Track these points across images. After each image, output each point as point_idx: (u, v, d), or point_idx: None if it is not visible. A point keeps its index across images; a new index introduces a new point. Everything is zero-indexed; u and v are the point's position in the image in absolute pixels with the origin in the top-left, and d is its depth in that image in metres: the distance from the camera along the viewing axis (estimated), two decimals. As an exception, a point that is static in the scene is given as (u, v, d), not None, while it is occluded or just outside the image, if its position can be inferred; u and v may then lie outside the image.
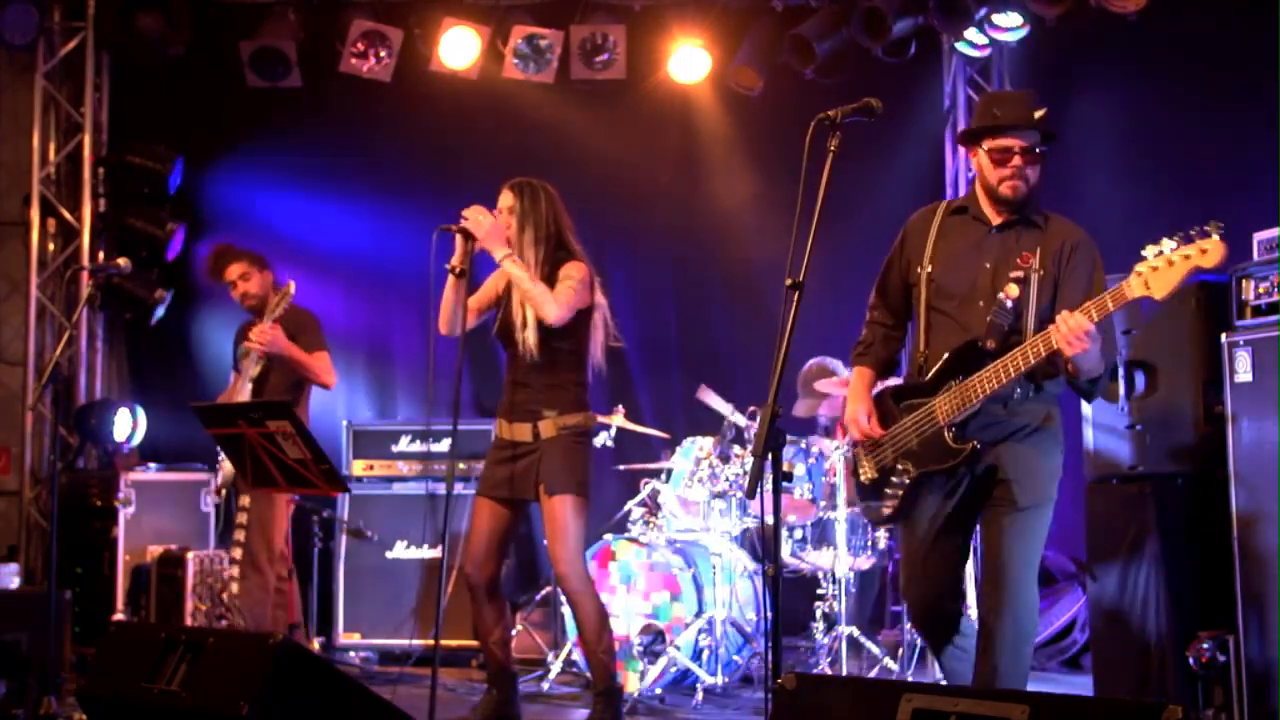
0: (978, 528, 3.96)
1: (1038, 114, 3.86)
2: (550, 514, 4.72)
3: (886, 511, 3.98)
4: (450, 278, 4.74)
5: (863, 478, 4.05)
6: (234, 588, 5.42)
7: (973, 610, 6.00)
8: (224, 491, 5.64)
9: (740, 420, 6.03)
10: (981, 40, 7.27)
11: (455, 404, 4.46)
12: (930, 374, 3.87)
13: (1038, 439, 3.86)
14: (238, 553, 5.46)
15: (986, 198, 3.95)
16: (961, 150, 7.80)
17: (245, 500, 5.49)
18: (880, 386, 4.11)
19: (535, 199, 4.78)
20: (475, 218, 4.65)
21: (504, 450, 4.83)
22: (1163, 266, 3.49)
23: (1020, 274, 3.81)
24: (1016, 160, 3.84)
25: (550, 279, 4.76)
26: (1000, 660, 3.75)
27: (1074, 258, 3.85)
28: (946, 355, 3.84)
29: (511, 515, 4.87)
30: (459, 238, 4.66)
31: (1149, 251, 3.54)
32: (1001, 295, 3.80)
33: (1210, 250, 3.43)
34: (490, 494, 4.84)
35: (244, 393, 5.55)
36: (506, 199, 4.81)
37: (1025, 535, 3.81)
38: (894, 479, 3.93)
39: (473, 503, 4.93)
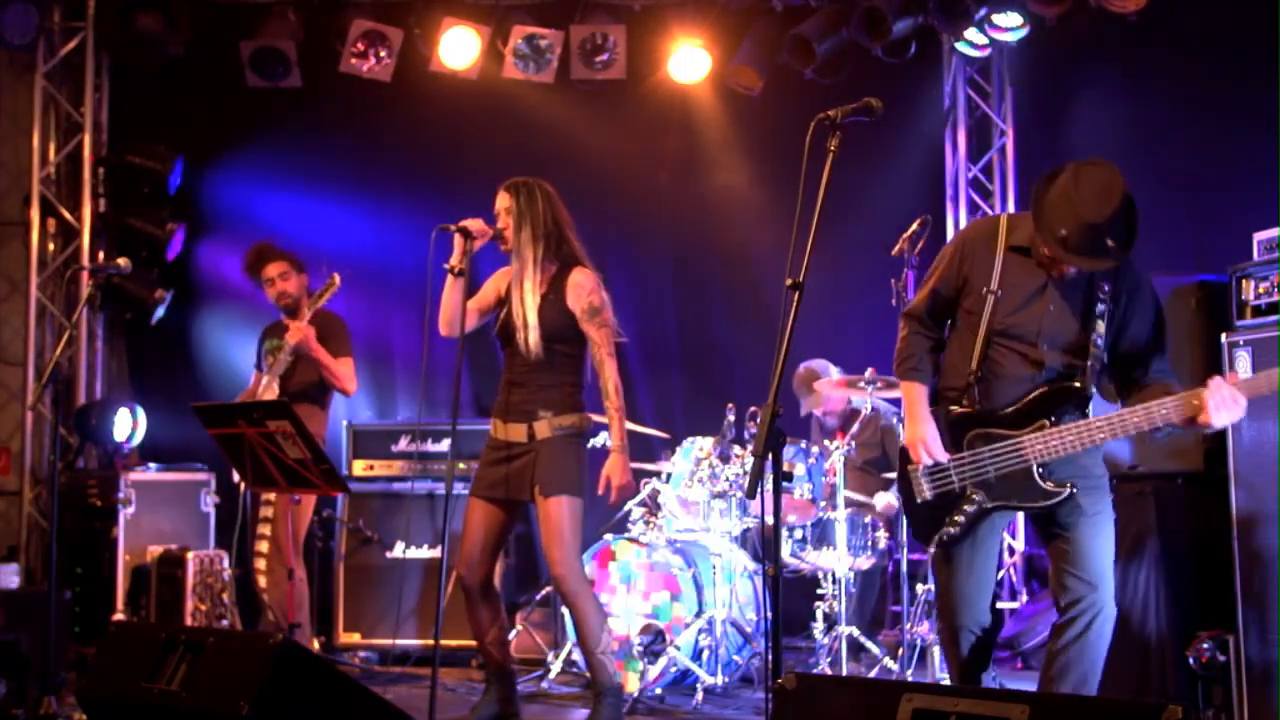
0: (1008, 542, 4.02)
1: (1121, 256, 3.72)
2: (546, 515, 4.71)
3: (947, 536, 3.91)
4: (449, 278, 4.74)
5: (917, 497, 4.00)
6: (261, 581, 5.49)
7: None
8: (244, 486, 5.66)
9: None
10: (981, 40, 7.28)
11: (455, 404, 4.46)
12: (1013, 408, 3.85)
13: (1094, 463, 3.92)
14: (264, 545, 5.52)
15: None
16: (962, 150, 7.81)
17: (271, 495, 5.54)
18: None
19: (531, 197, 4.77)
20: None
21: (499, 451, 4.83)
22: (1257, 380, 3.58)
23: (1103, 309, 3.79)
24: (1070, 269, 3.80)
25: (558, 280, 4.77)
26: (1092, 665, 3.80)
27: (1138, 293, 3.86)
28: (1041, 391, 3.83)
29: (506, 516, 4.86)
30: (457, 237, 4.66)
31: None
32: (1095, 338, 3.78)
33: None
34: (484, 495, 4.83)
35: (272, 390, 5.63)
36: (503, 200, 4.80)
37: (1106, 541, 3.87)
38: (967, 507, 3.89)
39: (466, 503, 4.93)
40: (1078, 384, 3.81)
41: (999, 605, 6.99)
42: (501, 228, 4.77)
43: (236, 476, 5.63)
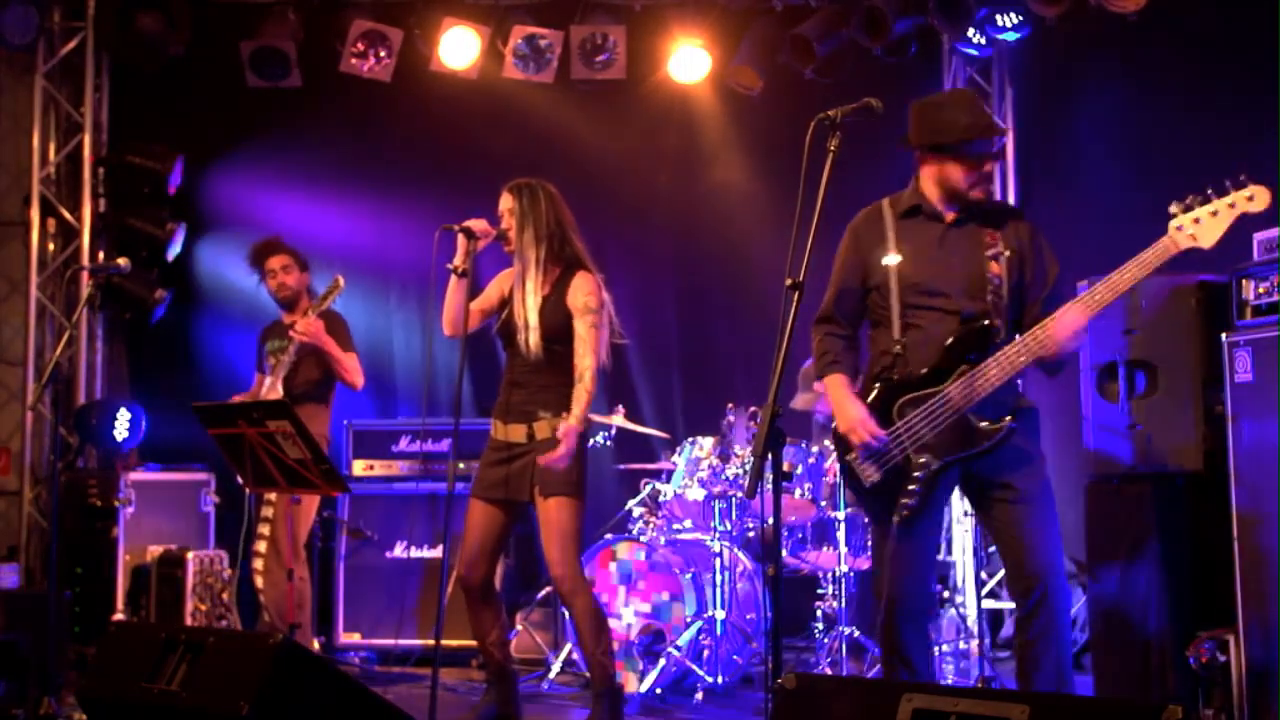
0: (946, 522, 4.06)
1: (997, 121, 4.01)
2: (546, 516, 4.71)
3: (908, 510, 3.90)
4: (452, 278, 4.75)
5: (865, 482, 3.99)
6: (258, 581, 5.47)
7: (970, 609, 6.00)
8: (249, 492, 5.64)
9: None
10: (981, 40, 7.28)
11: (456, 404, 4.47)
12: (930, 365, 3.90)
13: (1027, 428, 3.93)
14: (262, 545, 5.50)
15: (940, 195, 4.05)
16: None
17: (272, 495, 5.53)
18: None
19: (534, 199, 4.78)
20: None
21: (499, 451, 4.83)
22: (1206, 218, 3.59)
23: (994, 250, 3.93)
24: (988, 167, 4.00)
25: (561, 282, 4.77)
26: (1051, 647, 3.81)
27: (1022, 234, 4.03)
28: (950, 341, 3.89)
29: (506, 517, 4.86)
30: (460, 237, 4.66)
31: (1178, 209, 3.71)
32: (990, 274, 3.90)
33: (1258, 197, 3.58)
34: (484, 495, 4.83)
35: (276, 390, 5.64)
36: (506, 201, 4.81)
37: (1048, 521, 3.94)
38: (916, 474, 3.89)
39: (467, 504, 4.93)
40: (986, 322, 3.87)
41: (999, 605, 7.02)
42: (505, 228, 4.77)
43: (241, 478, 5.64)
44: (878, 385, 4.01)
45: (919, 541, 3.97)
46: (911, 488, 3.90)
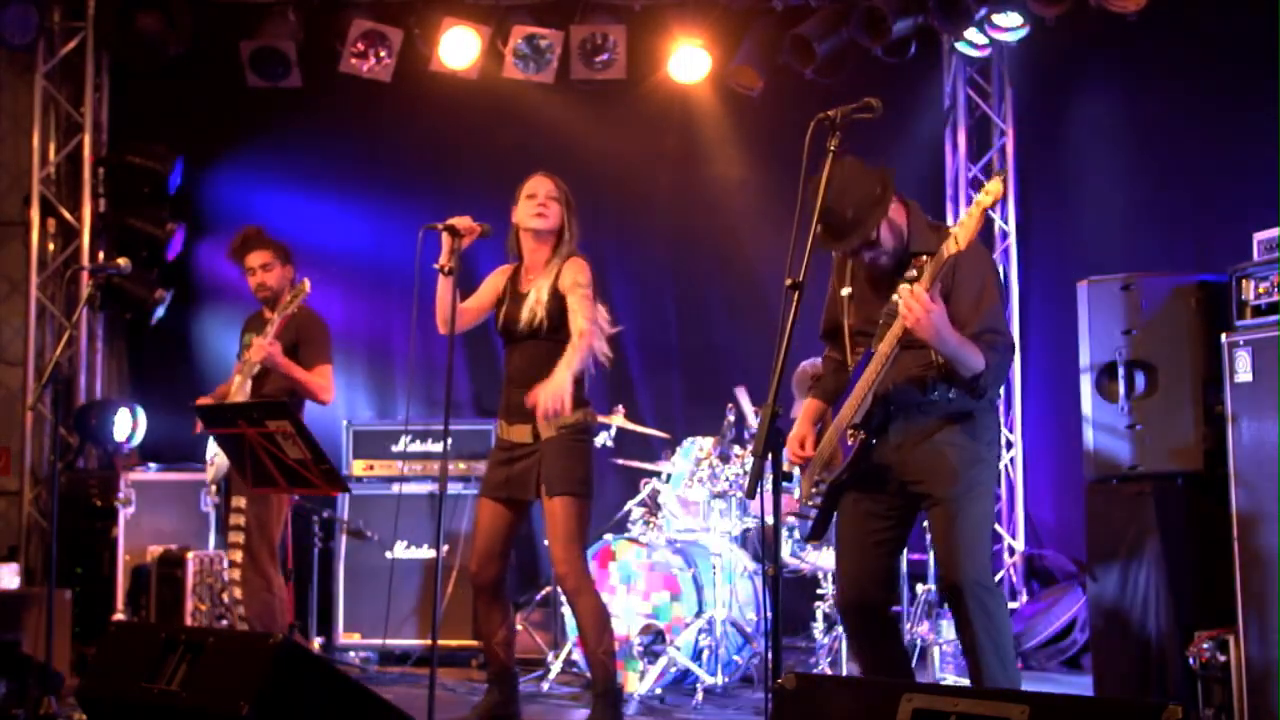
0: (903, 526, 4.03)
1: (869, 220, 3.74)
2: (550, 514, 4.71)
3: (810, 524, 4.03)
4: (440, 277, 4.74)
5: (805, 499, 4.08)
6: (236, 591, 5.36)
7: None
8: (216, 488, 5.56)
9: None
10: (981, 40, 7.28)
11: (447, 402, 4.45)
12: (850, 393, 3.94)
13: (951, 436, 3.84)
14: (238, 555, 5.39)
15: None
16: (962, 150, 7.82)
17: (241, 502, 5.40)
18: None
19: (569, 192, 4.88)
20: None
21: (504, 451, 4.83)
22: (965, 220, 3.54)
23: (913, 272, 3.75)
24: (865, 258, 3.87)
25: (554, 273, 4.79)
26: (982, 655, 3.76)
27: (959, 268, 3.77)
28: (853, 369, 3.90)
29: (513, 516, 4.86)
30: (445, 236, 4.65)
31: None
32: (895, 297, 3.72)
33: (992, 189, 3.53)
34: (492, 495, 4.83)
35: (244, 392, 5.47)
36: (545, 185, 4.84)
37: (959, 524, 3.79)
38: (814, 491, 3.98)
39: (476, 503, 4.93)
40: (875, 345, 3.77)
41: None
42: (540, 208, 4.80)
43: (209, 476, 5.58)
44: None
45: (854, 547, 3.97)
46: (811, 504, 4.00)
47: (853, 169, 3.73)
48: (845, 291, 4.02)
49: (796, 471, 5.70)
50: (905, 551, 5.73)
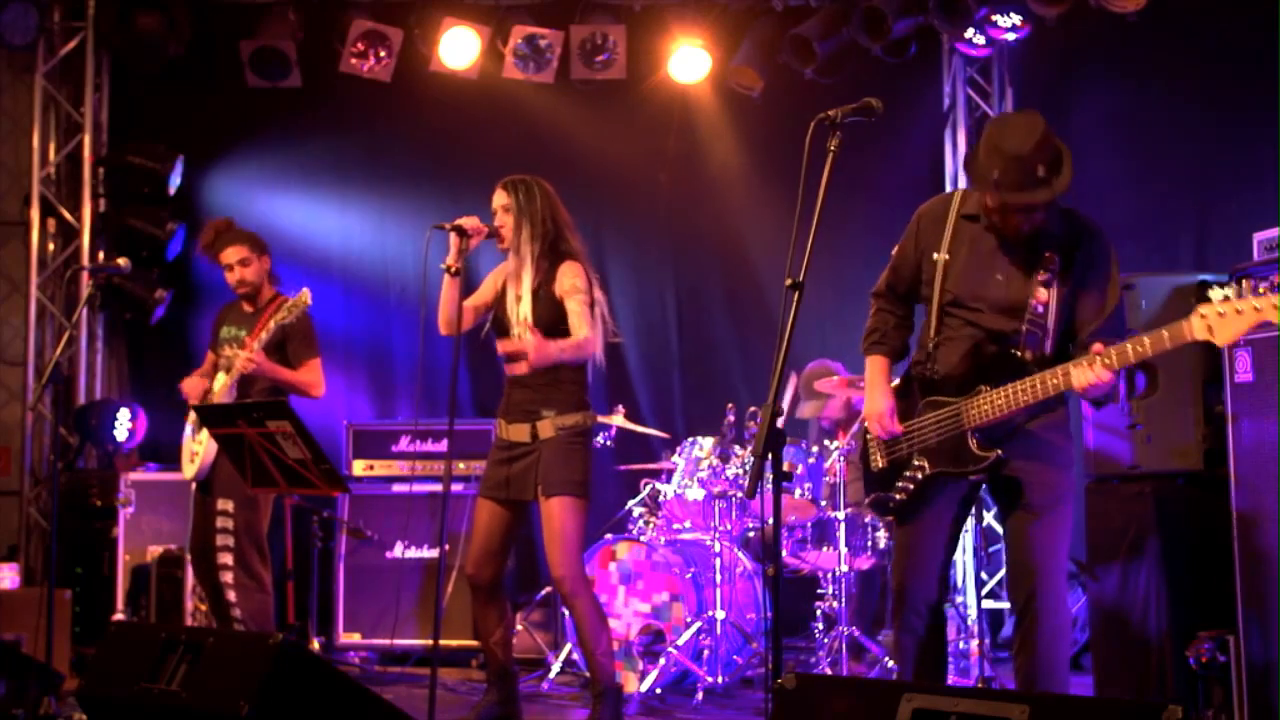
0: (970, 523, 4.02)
1: (1047, 178, 3.72)
2: (548, 516, 4.70)
3: (894, 504, 3.97)
4: (446, 277, 4.74)
5: (872, 466, 4.06)
6: (231, 595, 5.34)
7: (971, 610, 6.00)
8: (194, 486, 5.50)
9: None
10: (981, 40, 7.28)
11: (452, 403, 4.46)
12: (958, 374, 3.88)
13: (1051, 436, 3.86)
14: (228, 558, 5.34)
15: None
16: (962, 150, 7.81)
17: (229, 505, 5.33)
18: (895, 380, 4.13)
19: (530, 195, 4.77)
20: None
21: (503, 451, 4.82)
22: (1229, 314, 3.49)
23: (1046, 277, 3.78)
24: (1020, 221, 3.78)
25: (549, 275, 4.76)
26: (1042, 666, 3.77)
27: (1093, 259, 3.82)
28: (978, 359, 3.85)
29: (512, 516, 4.85)
30: (452, 236, 4.65)
31: (1215, 296, 3.58)
32: (1034, 301, 3.77)
33: (1263, 307, 3.46)
34: (490, 495, 4.83)
35: (230, 394, 5.39)
36: (501, 198, 4.80)
37: (1049, 536, 3.84)
38: (907, 473, 3.93)
39: (474, 503, 4.93)
40: (1015, 351, 3.81)
41: (999, 605, 7.02)
42: (499, 225, 4.77)
43: (188, 474, 5.52)
44: (909, 378, 4.03)
45: (919, 537, 3.98)
46: (900, 484, 3.94)
47: (1041, 124, 3.73)
48: (942, 257, 3.91)
49: (799, 470, 5.75)
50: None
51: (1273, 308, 3.45)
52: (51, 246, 7.66)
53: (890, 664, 5.77)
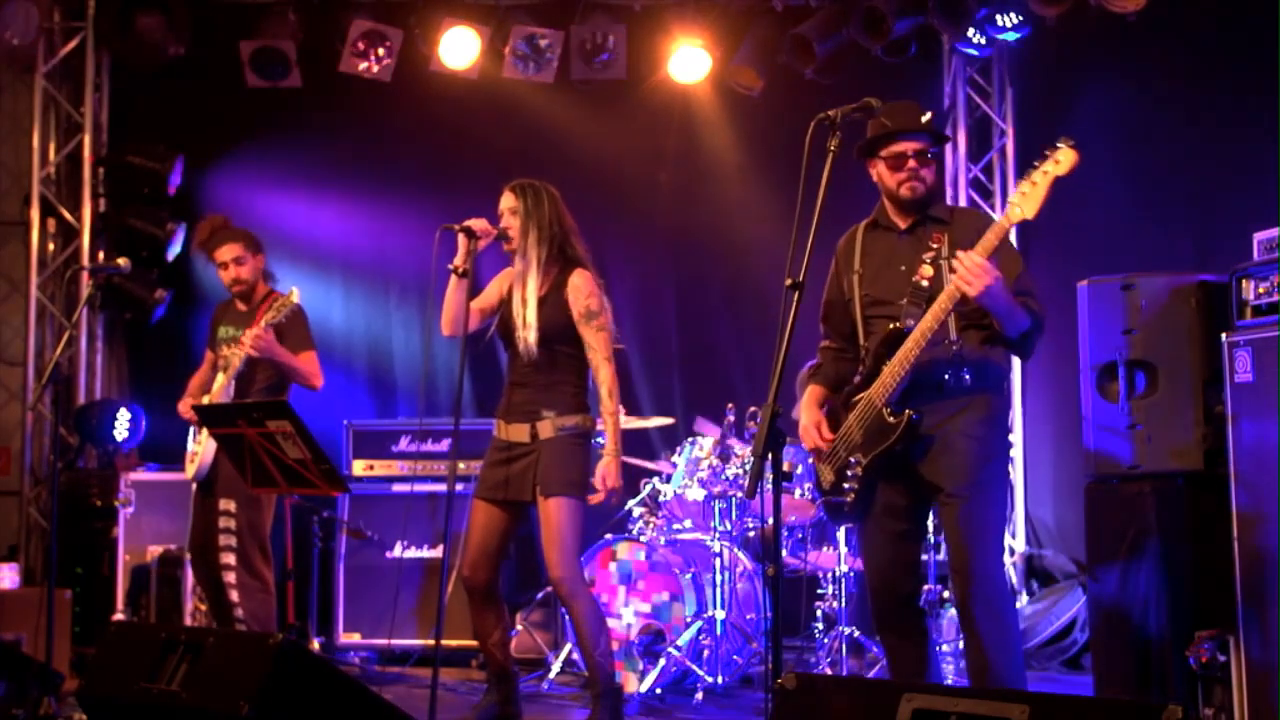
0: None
1: (925, 118, 4.02)
2: (546, 517, 4.69)
3: (847, 506, 4.04)
4: (453, 278, 4.74)
5: (823, 483, 4.13)
6: (233, 595, 5.34)
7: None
8: (195, 487, 5.50)
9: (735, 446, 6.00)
10: (981, 40, 7.28)
11: (457, 404, 4.46)
12: (870, 368, 3.99)
13: (969, 427, 3.92)
14: (230, 558, 5.34)
15: (891, 205, 4.10)
16: (962, 150, 7.82)
17: (231, 505, 5.34)
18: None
19: (538, 199, 4.77)
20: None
21: (501, 451, 4.82)
22: (1029, 189, 3.68)
23: (931, 254, 3.92)
24: (911, 163, 3.98)
25: (559, 283, 4.76)
26: (988, 654, 3.79)
27: (977, 233, 3.91)
28: (875, 346, 3.97)
29: (509, 518, 4.85)
30: (461, 237, 4.66)
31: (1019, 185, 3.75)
32: (916, 278, 3.91)
33: (1063, 159, 3.65)
34: (487, 496, 4.82)
35: (228, 392, 5.40)
36: (508, 200, 4.79)
37: (971, 522, 3.86)
38: (848, 473, 4.01)
39: (470, 504, 4.92)
40: (894, 325, 3.89)
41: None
42: (506, 228, 4.77)
43: (189, 473, 5.52)
44: (841, 392, 4.13)
45: (877, 531, 4.04)
46: (845, 485, 4.01)
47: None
48: (857, 271, 4.09)
49: (799, 470, 5.75)
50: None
51: (1056, 164, 3.65)
52: (51, 246, 7.66)
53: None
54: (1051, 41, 7.18)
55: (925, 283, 3.90)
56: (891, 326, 3.91)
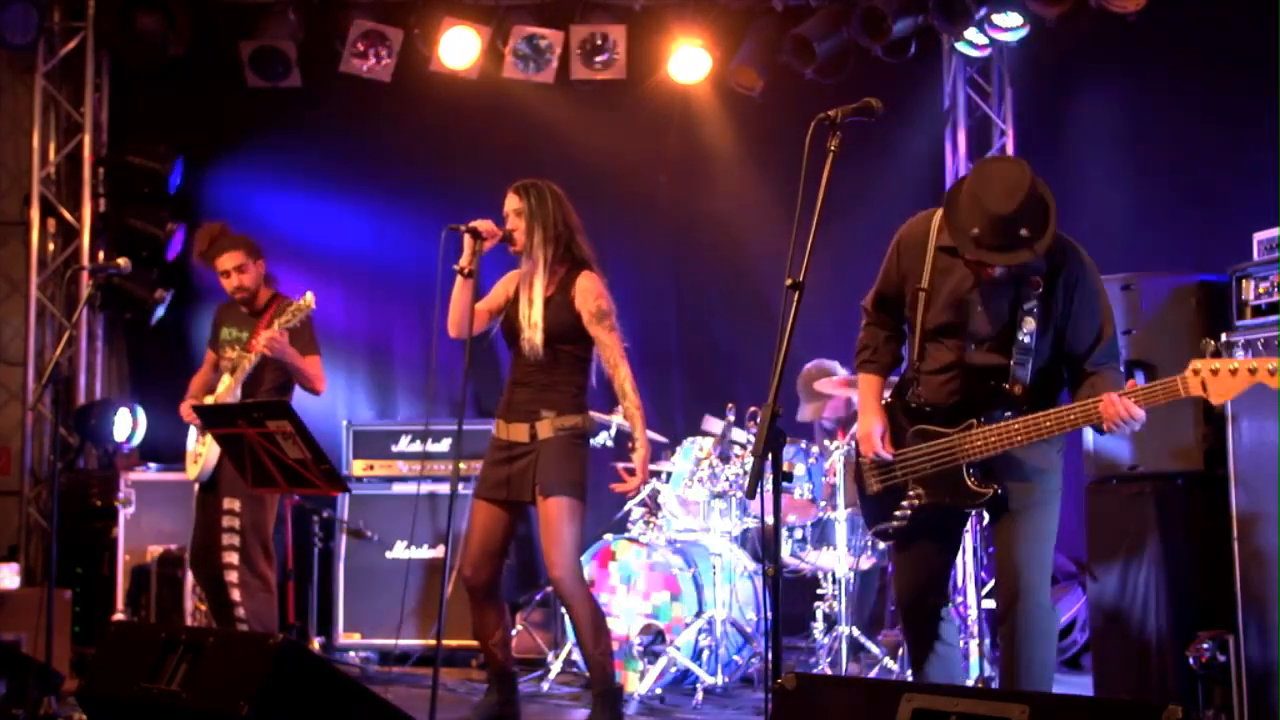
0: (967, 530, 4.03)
1: (1039, 245, 3.65)
2: (545, 516, 4.69)
3: (893, 530, 3.97)
4: (459, 279, 4.73)
5: (868, 490, 4.06)
6: (235, 595, 5.33)
7: (972, 611, 6.00)
8: (197, 486, 5.50)
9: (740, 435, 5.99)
10: (981, 40, 7.27)
11: (461, 404, 4.46)
12: (946, 406, 3.87)
13: (1030, 444, 3.83)
14: (234, 557, 5.35)
15: None
16: (962, 150, 7.82)
17: (235, 504, 5.35)
18: (885, 396, 4.11)
19: (542, 199, 4.76)
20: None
21: (501, 451, 4.82)
22: (1223, 372, 3.53)
23: (1031, 304, 3.75)
24: (992, 272, 3.75)
25: (566, 283, 4.75)
26: (1020, 658, 3.77)
27: (1079, 288, 3.80)
28: (966, 392, 3.85)
29: (509, 517, 4.85)
30: (467, 238, 4.65)
31: (1207, 351, 3.66)
32: (1020, 333, 3.75)
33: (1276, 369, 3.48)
34: (487, 496, 4.82)
35: (233, 394, 5.40)
36: (513, 201, 4.78)
37: (1027, 538, 3.84)
38: (904, 502, 3.93)
39: (470, 504, 4.92)
40: (1005, 385, 3.79)
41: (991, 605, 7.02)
42: (511, 229, 4.76)
43: (191, 474, 5.52)
44: (896, 401, 4.01)
45: (920, 557, 3.99)
46: (899, 513, 3.94)
47: (1027, 178, 3.65)
48: (923, 288, 3.88)
49: (799, 470, 5.75)
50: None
51: (1269, 373, 3.48)
52: (51, 246, 7.66)
53: (890, 664, 5.78)
54: (1051, 41, 7.17)
55: (1029, 337, 3.75)
56: (1004, 386, 3.77)
